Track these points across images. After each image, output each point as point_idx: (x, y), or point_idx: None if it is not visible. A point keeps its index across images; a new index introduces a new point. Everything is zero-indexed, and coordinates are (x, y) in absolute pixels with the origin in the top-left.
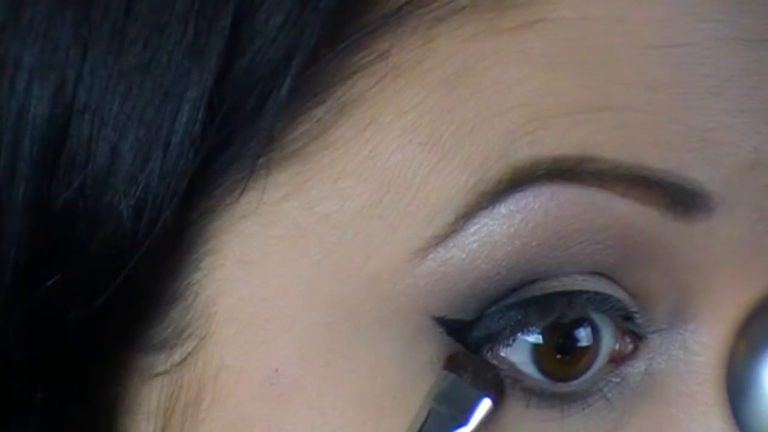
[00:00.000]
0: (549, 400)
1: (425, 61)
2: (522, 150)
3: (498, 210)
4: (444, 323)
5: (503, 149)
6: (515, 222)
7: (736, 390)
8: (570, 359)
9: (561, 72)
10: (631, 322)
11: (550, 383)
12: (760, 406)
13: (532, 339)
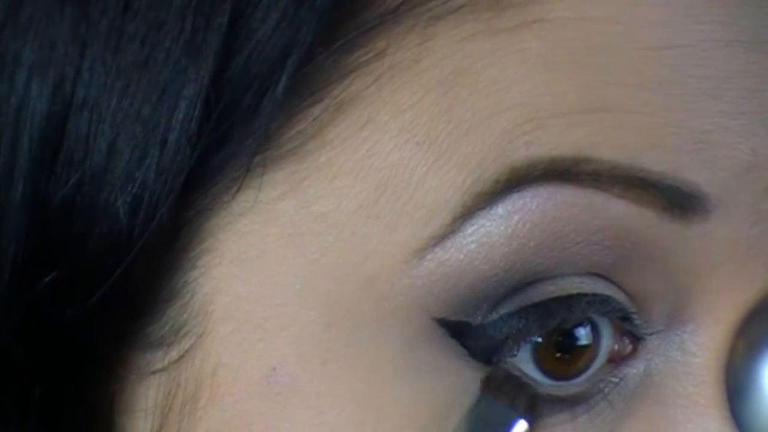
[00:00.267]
0: (558, 405)
1: (422, 61)
2: (519, 150)
3: (495, 211)
4: (445, 325)
5: (500, 149)
6: (512, 223)
7: (735, 391)
8: (570, 358)
9: (558, 72)
10: (630, 323)
11: (552, 385)
12: (759, 406)
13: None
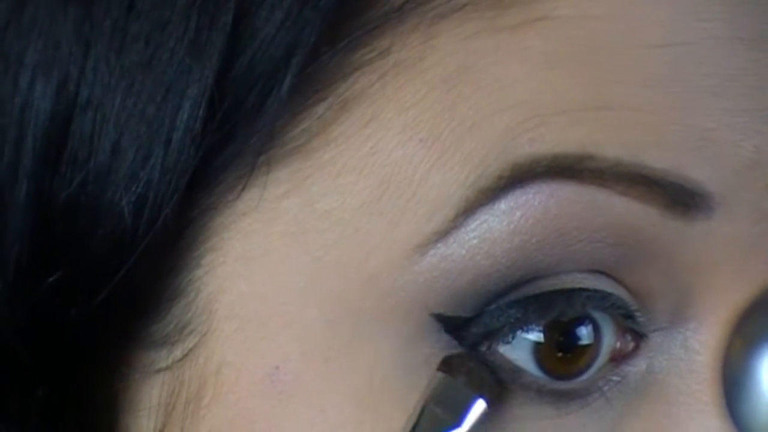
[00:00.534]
0: (547, 397)
1: (426, 59)
2: (522, 147)
3: (498, 206)
4: (442, 320)
5: (503, 146)
6: (515, 219)
7: (732, 386)
8: (571, 357)
9: (561, 70)
10: (632, 320)
11: (550, 381)
12: (755, 402)
13: (533, 337)
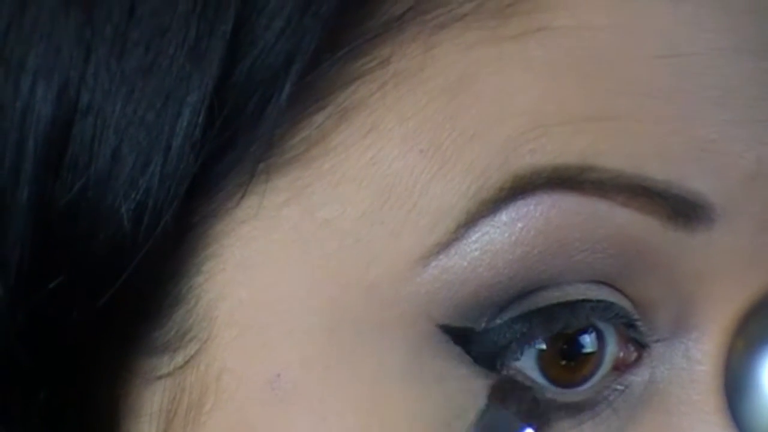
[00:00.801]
0: (563, 412)
1: (427, 68)
2: (523, 158)
3: (499, 218)
4: (449, 331)
5: (504, 157)
6: (516, 230)
7: (733, 389)
8: (575, 365)
9: (562, 80)
10: (634, 330)
11: (557, 392)
12: (757, 404)
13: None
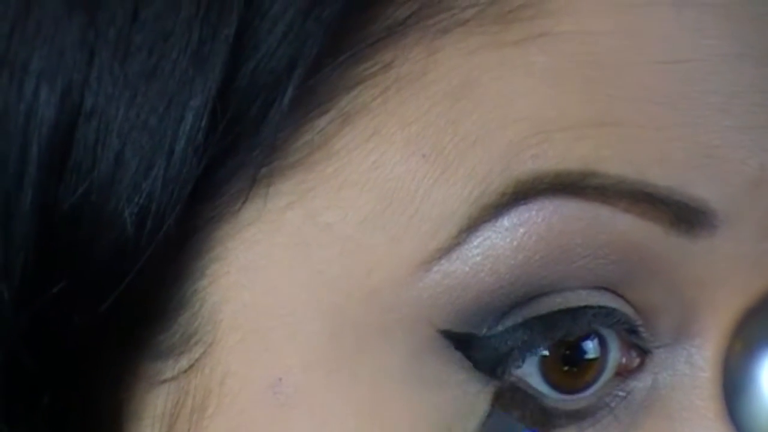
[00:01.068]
0: (565, 419)
1: (429, 73)
2: (525, 163)
3: (501, 223)
4: (450, 336)
5: (506, 162)
6: (518, 235)
7: (732, 390)
8: (577, 371)
9: (565, 86)
10: (636, 335)
11: (559, 398)
12: (755, 405)
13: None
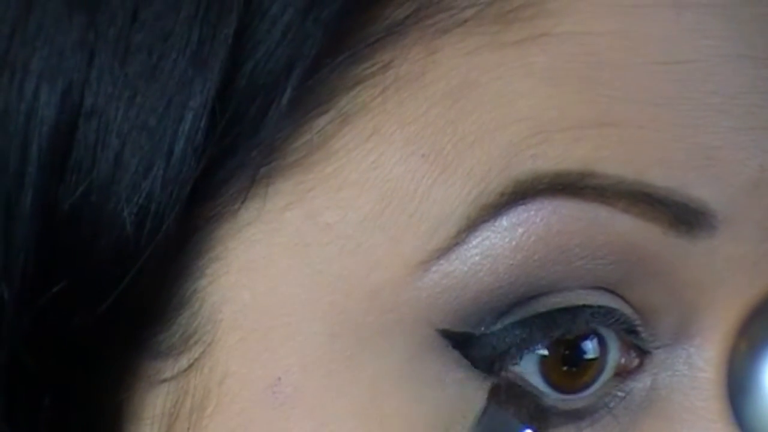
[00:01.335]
0: (563, 418)
1: (428, 73)
2: (524, 163)
3: (500, 223)
4: (448, 336)
5: (505, 162)
6: (517, 235)
7: (736, 390)
8: (576, 371)
9: (564, 86)
10: (636, 336)
11: (558, 398)
12: (760, 405)
13: (538, 351)
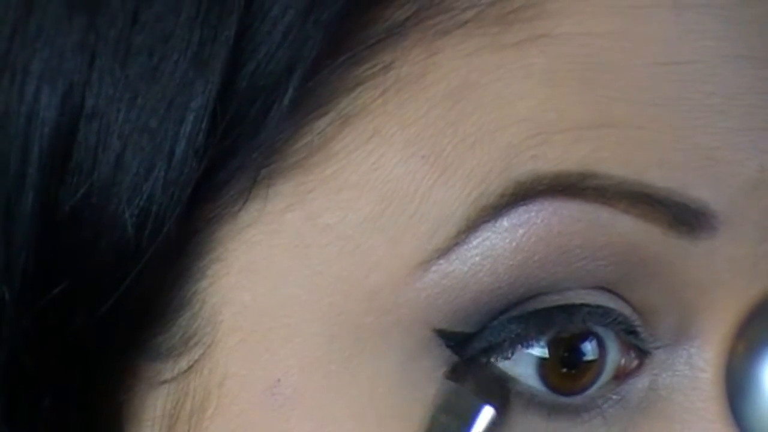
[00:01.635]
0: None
1: (428, 75)
2: (524, 164)
3: (500, 224)
4: (445, 335)
5: (505, 163)
6: (517, 236)
7: (735, 391)
8: (575, 373)
9: (564, 87)
10: (635, 336)
11: (553, 396)
12: (759, 406)
13: (537, 352)
